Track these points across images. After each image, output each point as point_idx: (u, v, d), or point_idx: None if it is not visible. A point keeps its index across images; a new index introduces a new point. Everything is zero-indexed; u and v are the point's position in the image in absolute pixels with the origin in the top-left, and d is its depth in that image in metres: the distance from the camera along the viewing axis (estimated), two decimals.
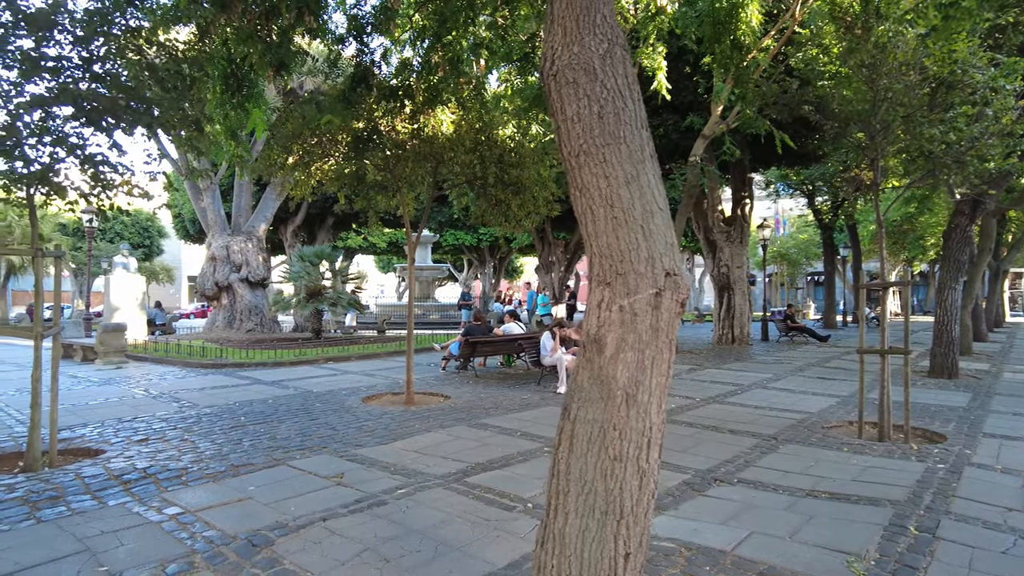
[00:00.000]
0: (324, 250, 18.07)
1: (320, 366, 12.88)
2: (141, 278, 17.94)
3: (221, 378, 11.08)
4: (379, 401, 8.81)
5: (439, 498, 4.56)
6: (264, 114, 9.09)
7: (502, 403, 8.50)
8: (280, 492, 4.70)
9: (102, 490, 4.78)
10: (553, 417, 7.61)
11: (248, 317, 19.56)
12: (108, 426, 7.07)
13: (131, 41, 5.77)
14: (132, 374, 11.66)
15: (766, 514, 4.29)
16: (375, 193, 9.34)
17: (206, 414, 7.77)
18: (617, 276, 2.38)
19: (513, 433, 6.69)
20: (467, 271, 49.59)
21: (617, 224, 2.42)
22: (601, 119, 2.53)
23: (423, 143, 8.13)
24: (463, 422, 7.27)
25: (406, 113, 8.08)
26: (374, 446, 6.15)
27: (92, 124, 5.63)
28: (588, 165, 2.51)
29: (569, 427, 2.37)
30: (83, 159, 5.60)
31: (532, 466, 5.42)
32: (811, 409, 8.19)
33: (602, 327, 2.37)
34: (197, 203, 20.35)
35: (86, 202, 6.10)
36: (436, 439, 6.44)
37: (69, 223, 33.41)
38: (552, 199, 9.31)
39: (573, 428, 2.35)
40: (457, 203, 16.91)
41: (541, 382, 10.10)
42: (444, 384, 10.32)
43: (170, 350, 14.06)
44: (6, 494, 4.68)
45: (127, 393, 9.36)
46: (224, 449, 6.01)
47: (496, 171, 8.42)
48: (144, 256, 42.86)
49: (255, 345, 15.79)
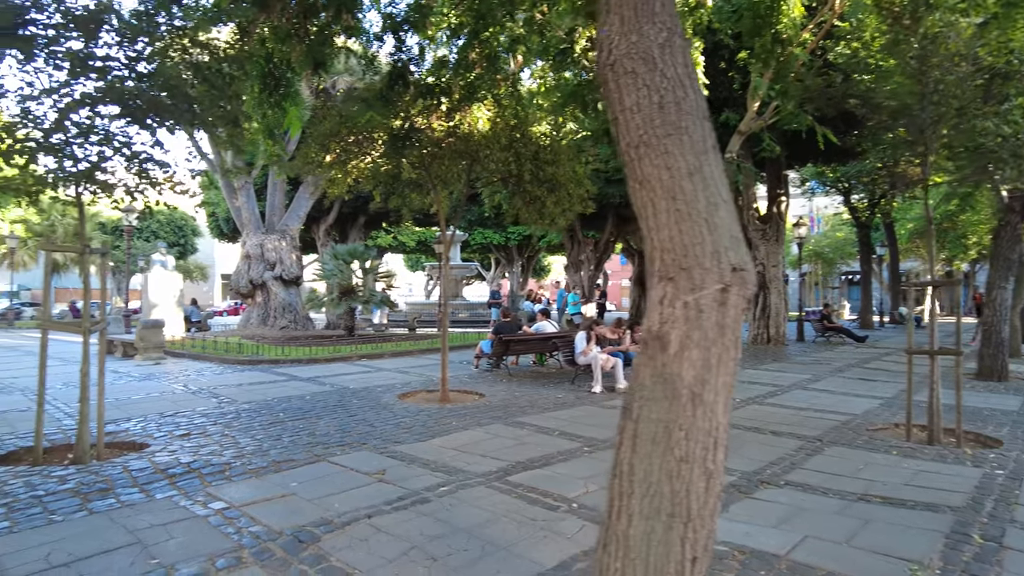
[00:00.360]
0: (357, 248, 18.20)
1: (354, 363, 12.97)
2: (178, 275, 18.26)
3: (258, 374, 11.21)
4: (414, 398, 8.81)
5: (482, 496, 4.52)
6: (300, 113, 9.17)
7: (537, 402, 8.44)
8: (323, 488, 4.70)
9: (149, 483, 4.84)
10: (589, 417, 7.53)
11: (282, 314, 19.80)
12: (151, 420, 7.18)
13: (175, 40, 5.83)
14: (171, 370, 11.86)
15: (818, 518, 4.17)
16: (410, 191, 9.36)
17: (245, 410, 7.85)
18: (681, 271, 2.31)
19: (551, 432, 6.63)
20: (494, 270, 49.61)
21: (680, 217, 2.34)
22: (662, 109, 2.46)
23: (459, 140, 8.11)
24: (499, 420, 7.23)
25: (442, 111, 8.07)
26: (413, 443, 6.14)
27: (137, 122, 5.71)
28: (648, 157, 2.44)
29: (631, 426, 2.30)
30: (129, 157, 5.68)
31: (573, 466, 5.36)
32: (854, 411, 7.97)
33: (665, 324, 2.30)
34: (232, 202, 20.65)
35: (131, 199, 6.19)
36: (474, 437, 6.41)
37: (108, 222, 34.22)
38: (587, 196, 9.22)
39: (636, 428, 2.28)
40: (489, 201, 16.91)
41: (575, 381, 10.02)
42: (478, 382, 10.30)
43: (207, 346, 14.29)
44: (58, 485, 4.76)
45: (167, 388, 9.52)
46: (264, 445, 6.06)
47: (531, 168, 8.36)
48: (179, 254, 43.71)
49: (289, 342, 15.96)
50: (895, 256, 29.35)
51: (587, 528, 3.91)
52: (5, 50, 5.36)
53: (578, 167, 9.10)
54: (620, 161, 2.61)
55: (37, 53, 5.40)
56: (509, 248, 41.46)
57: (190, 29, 6.19)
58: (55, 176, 5.75)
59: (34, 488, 4.70)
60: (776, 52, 7.95)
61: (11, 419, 7.30)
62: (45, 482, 4.84)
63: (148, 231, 41.33)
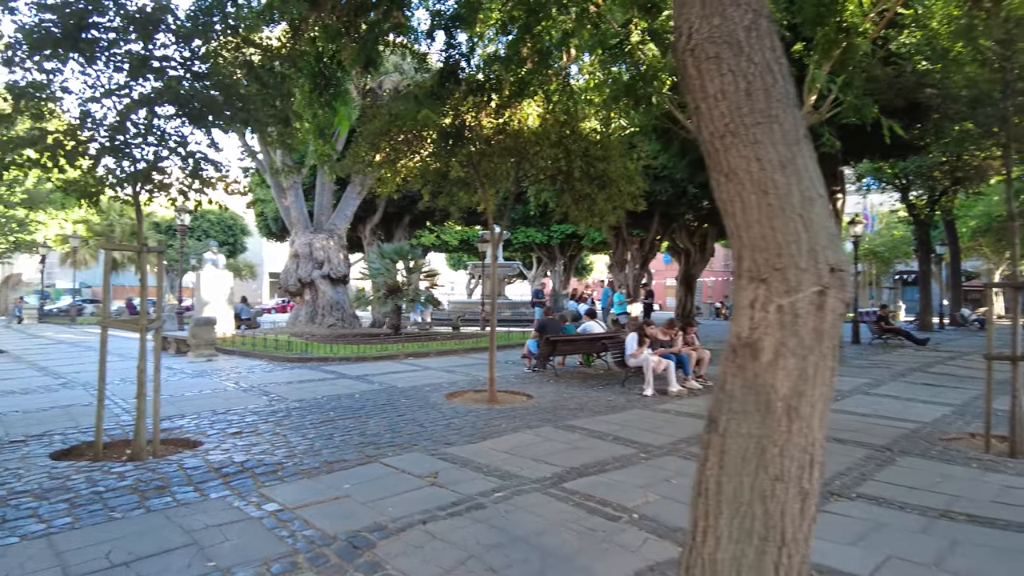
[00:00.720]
0: (403, 247, 18.28)
1: (401, 362, 12.99)
2: (229, 274, 18.67)
3: (307, 372, 11.31)
4: (462, 398, 8.73)
5: (538, 503, 4.37)
6: (349, 112, 9.17)
7: (587, 404, 8.26)
8: (376, 491, 4.63)
9: (203, 482, 4.84)
10: (642, 421, 7.31)
11: (330, 312, 20.04)
12: (204, 418, 7.26)
13: (229, 39, 5.86)
14: (222, 367, 12.07)
15: (899, 536, 3.89)
16: (458, 190, 9.28)
17: (295, 408, 7.88)
18: (774, 272, 2.11)
19: (604, 437, 6.44)
20: (536, 269, 49.40)
21: (773, 213, 2.15)
22: (749, 96, 2.27)
23: (508, 137, 7.99)
24: (549, 423, 7.08)
25: (492, 108, 7.95)
26: (463, 444, 6.04)
27: (193, 122, 5.75)
28: (736, 147, 2.25)
29: (719, 441, 2.12)
30: (184, 156, 5.73)
31: (630, 473, 5.17)
32: (923, 418, 7.56)
33: (757, 330, 2.11)
34: (281, 201, 20.99)
35: (184, 199, 6.25)
36: (525, 440, 6.27)
37: (162, 222, 35.29)
38: (639, 193, 8.99)
39: (724, 443, 2.10)
40: (534, 200, 16.75)
41: (625, 383, 9.79)
42: (525, 383, 10.16)
43: (257, 344, 14.52)
44: (117, 482, 4.80)
45: (219, 386, 9.66)
46: (316, 444, 6.03)
47: (582, 165, 8.18)
48: (229, 253, 44.83)
49: (337, 340, 16.12)
50: (956, 255, 28.11)
51: (651, 541, 3.72)
52: (69, 54, 5.45)
53: (629, 163, 8.88)
54: (703, 151, 2.43)
55: (98, 55, 5.49)
56: (551, 247, 41.24)
57: (245, 27, 6.22)
58: (115, 176, 5.85)
59: (95, 484, 4.76)
60: (839, 41, 7.57)
61: (74, 413, 7.48)
62: (105, 478, 4.90)
63: (200, 230, 42.49)
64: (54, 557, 3.51)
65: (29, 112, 5.46)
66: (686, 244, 30.34)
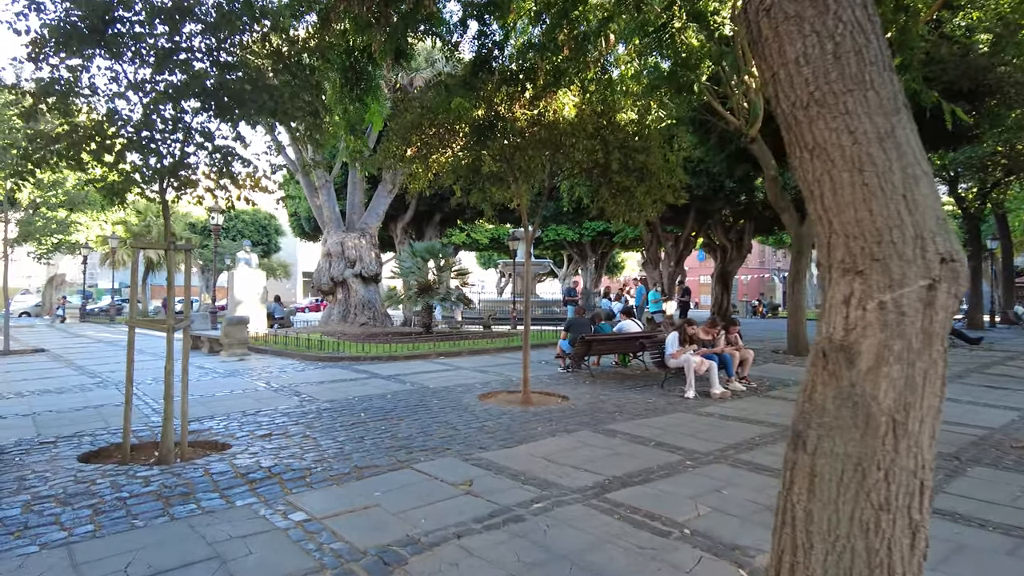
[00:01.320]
0: (434, 246, 18.12)
1: (432, 361, 12.79)
2: (262, 273, 18.72)
3: (339, 371, 11.18)
4: (495, 399, 8.47)
5: (580, 516, 4.07)
6: (381, 108, 8.97)
7: (626, 407, 7.92)
8: (407, 500, 4.38)
9: (229, 488, 4.66)
10: (685, 425, 6.96)
11: (362, 311, 19.99)
12: (233, 419, 7.13)
13: (256, 28, 5.68)
14: (254, 366, 12.02)
15: (986, 559, 3.50)
16: (490, 185, 9.01)
17: (326, 409, 7.71)
18: (873, 263, 1.79)
19: (646, 442, 6.11)
20: (567, 267, 48.97)
21: (870, 193, 1.82)
22: (838, 60, 1.94)
23: (543, 129, 7.69)
24: (587, 426, 6.77)
25: (526, 98, 7.67)
26: (498, 449, 5.77)
27: (219, 115, 5.59)
28: (823, 118, 1.93)
29: (807, 462, 1.80)
30: (210, 151, 5.56)
31: (677, 483, 4.83)
32: (990, 424, 7.05)
33: (853, 330, 1.79)
34: (313, 200, 21.02)
35: (212, 196, 6.10)
36: (562, 445, 5.98)
37: (197, 222, 35.81)
38: (679, 186, 8.61)
39: (814, 464, 1.78)
40: (568, 195, 16.43)
41: (665, 384, 9.41)
42: (559, 383, 9.86)
43: (289, 343, 14.48)
44: (142, 487, 4.65)
45: (250, 386, 9.56)
46: (346, 448, 5.83)
47: (620, 156, 7.84)
48: (263, 253, 45.32)
49: (369, 339, 16.02)
50: (1008, 250, 26.90)
51: (707, 561, 3.40)
52: (96, 50, 5.33)
53: (670, 155, 8.50)
54: (781, 124, 2.10)
55: (124, 51, 5.35)
56: (583, 244, 40.78)
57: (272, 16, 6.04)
58: (140, 173, 5.72)
59: (119, 489, 4.61)
60: (899, 21, 7.10)
61: (105, 414, 7.42)
62: (130, 483, 4.75)
63: (234, 230, 43.04)
64: (72, 569, 3.34)
65: (56, 108, 5.36)
66: (722, 240, 29.65)
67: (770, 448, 5.94)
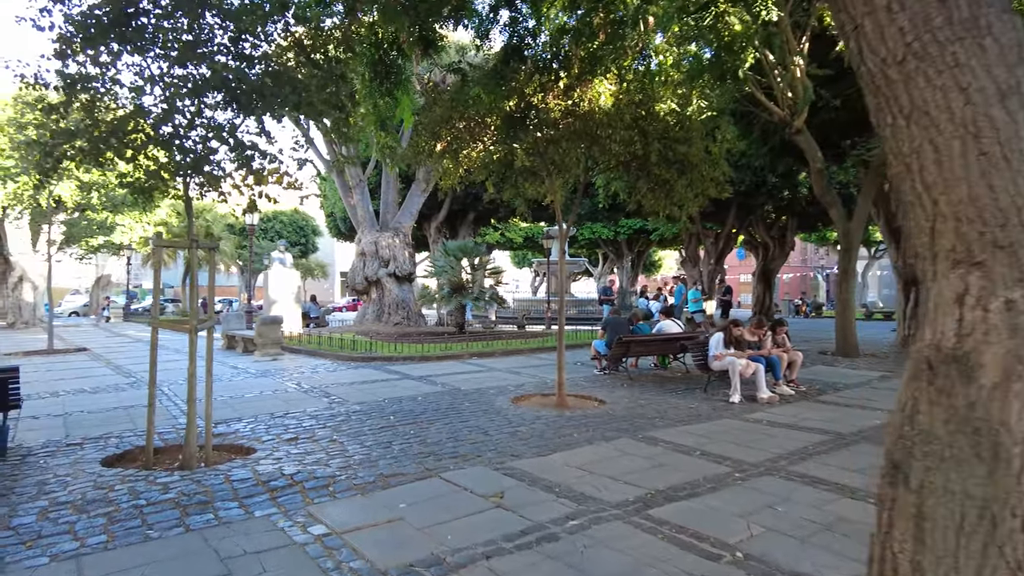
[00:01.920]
0: (467, 244, 17.89)
1: (465, 361, 12.54)
2: (296, 272, 18.76)
3: (370, 372, 11.00)
4: (529, 402, 8.16)
5: (620, 535, 3.73)
6: (412, 102, 8.74)
7: (667, 412, 7.52)
8: (434, 513, 4.10)
9: (249, 497, 4.44)
10: (731, 432, 6.54)
11: (395, 311, 19.90)
12: (260, 421, 6.96)
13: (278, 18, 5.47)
14: (286, 366, 11.94)
15: None
16: (523, 180, 8.71)
17: (355, 412, 7.50)
18: (996, 251, 1.41)
19: (690, 451, 5.72)
20: (602, 265, 48.33)
21: (990, 164, 1.45)
22: (943, 2, 1.56)
23: (577, 120, 7.34)
24: (627, 433, 6.40)
25: (559, 88, 7.34)
26: (531, 457, 5.45)
27: (242, 109, 5.39)
28: (924, 74, 1.55)
29: (911, 500, 1.44)
30: (233, 146, 5.37)
31: (726, 498, 4.45)
32: None
33: (970, 336, 1.42)
34: (347, 200, 21.01)
35: (239, 192, 5.92)
36: (600, 453, 5.63)
37: (236, 223, 36.32)
38: (723, 179, 8.16)
39: (921, 504, 1.42)
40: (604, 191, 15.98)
41: (708, 388, 8.96)
42: (596, 386, 9.49)
43: (322, 343, 14.40)
44: (160, 495, 4.47)
45: (280, 387, 9.43)
46: (373, 454, 5.58)
47: (659, 148, 7.44)
48: (300, 253, 45.86)
49: (402, 339, 15.87)
50: None
51: None
52: (122, 46, 5.19)
53: (712, 146, 8.06)
54: (866, 87, 1.74)
55: (147, 45, 5.20)
56: (618, 242, 40.12)
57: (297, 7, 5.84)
58: (165, 169, 5.57)
59: (137, 496, 4.43)
60: None
61: (135, 415, 7.33)
62: (149, 489, 4.57)
63: (272, 231, 43.65)
64: None
65: (81, 103, 5.23)
66: (763, 237, 28.81)
67: (825, 458, 5.49)
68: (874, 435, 6.37)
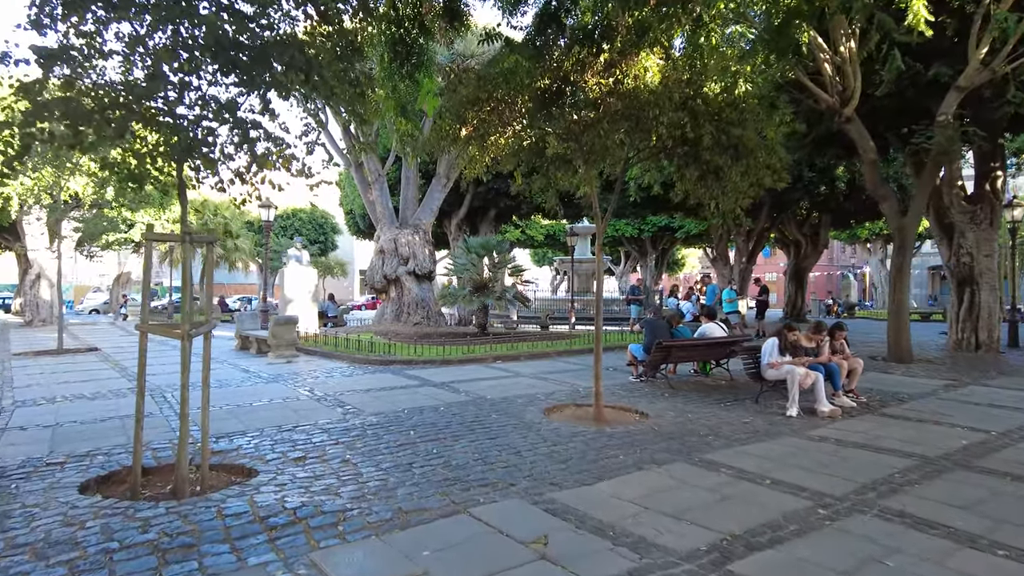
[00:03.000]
0: (490, 241, 17.12)
1: (488, 365, 11.78)
2: (313, 270, 18.14)
3: (389, 377, 10.29)
4: (562, 415, 7.38)
5: None
6: (435, 86, 8.00)
7: (719, 429, 6.69)
8: (464, 565, 3.34)
9: (243, 538, 3.72)
10: (799, 454, 5.71)
11: (415, 310, 19.22)
12: (267, 436, 6.26)
13: None
14: (300, 370, 11.27)
15: None
16: (555, 169, 7.93)
17: (371, 424, 6.77)
18: None
19: (758, 479, 4.90)
20: (624, 264, 47.37)
21: None
22: None
23: (620, 99, 6.54)
24: (680, 455, 5.60)
25: (600, 64, 6.54)
26: (574, 487, 4.67)
27: (242, 80, 4.67)
28: None
29: None
30: (232, 123, 4.65)
31: (817, 546, 3.62)
32: None
33: None
34: (366, 196, 20.37)
35: (240, 181, 5.21)
36: (653, 482, 4.84)
37: (255, 221, 35.95)
38: (780, 167, 7.31)
39: None
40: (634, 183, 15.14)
41: (760, 399, 8.11)
42: (634, 395, 8.68)
43: (339, 344, 13.73)
44: (139, 534, 3.76)
45: (292, 394, 8.74)
46: (391, 480, 4.84)
47: (712, 130, 6.62)
48: (320, 251, 45.50)
49: (422, 340, 15.18)
50: None
51: None
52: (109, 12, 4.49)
53: (769, 129, 7.21)
54: None
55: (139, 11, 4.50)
56: (642, 240, 39.20)
57: None
58: (156, 152, 4.88)
59: (110, 536, 3.73)
60: None
61: (130, 427, 6.55)
62: (125, 527, 3.86)
63: (292, 229, 43.35)
64: None
65: (60, 80, 4.54)
66: (795, 235, 27.76)
67: (920, 490, 4.65)
68: (965, 459, 5.52)
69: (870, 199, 24.57)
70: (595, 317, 7.64)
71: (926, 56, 11.51)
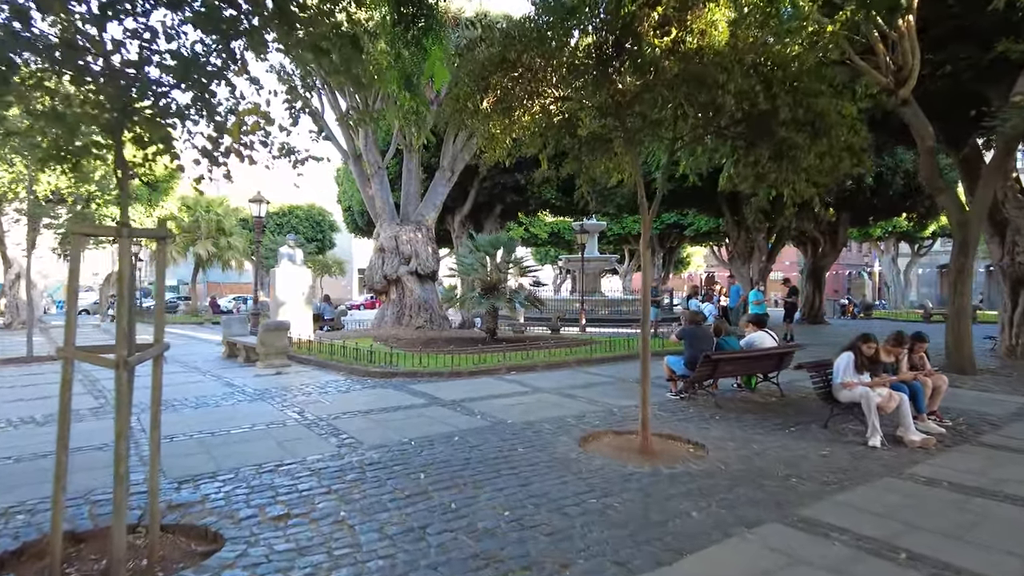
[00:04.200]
0: (500, 238, 15.84)
1: (502, 378, 10.51)
2: (307, 270, 16.89)
3: (391, 393, 9.04)
4: (601, 445, 6.16)
5: None
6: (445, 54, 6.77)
7: (798, 466, 5.44)
8: None
9: None
10: (917, 506, 4.47)
11: (417, 313, 17.97)
12: (242, 480, 5.01)
13: None
14: (291, 383, 10.00)
15: None
16: (588, 152, 6.70)
17: (372, 463, 5.52)
18: None
19: (887, 552, 3.65)
20: (628, 262, 46.14)
21: None
22: None
23: (679, 61, 5.30)
24: (768, 510, 4.35)
25: (654, 19, 5.30)
26: (651, 571, 3.43)
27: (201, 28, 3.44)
28: None
29: None
30: (178, 67, 3.39)
31: None
32: None
33: None
34: (364, 191, 19.12)
35: (202, 155, 3.95)
36: (753, 559, 3.59)
37: (249, 218, 34.67)
38: (861, 148, 6.05)
39: None
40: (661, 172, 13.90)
41: (829, 424, 6.86)
42: (677, 417, 7.46)
43: (335, 352, 12.44)
44: None
45: (278, 417, 7.47)
46: (399, 557, 3.60)
47: (790, 102, 5.39)
48: (317, 249, 44.25)
49: (426, 345, 13.93)
50: None
51: None
52: None
53: (846, 105, 5.96)
54: None
55: None
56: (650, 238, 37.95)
57: None
58: (91, 118, 3.62)
59: None
60: None
61: (77, 466, 5.26)
62: None
63: (288, 226, 42.10)
64: None
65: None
66: (813, 232, 26.55)
67: None
68: None
69: (896, 196, 23.40)
70: (642, 324, 6.42)
71: (986, 35, 10.26)
